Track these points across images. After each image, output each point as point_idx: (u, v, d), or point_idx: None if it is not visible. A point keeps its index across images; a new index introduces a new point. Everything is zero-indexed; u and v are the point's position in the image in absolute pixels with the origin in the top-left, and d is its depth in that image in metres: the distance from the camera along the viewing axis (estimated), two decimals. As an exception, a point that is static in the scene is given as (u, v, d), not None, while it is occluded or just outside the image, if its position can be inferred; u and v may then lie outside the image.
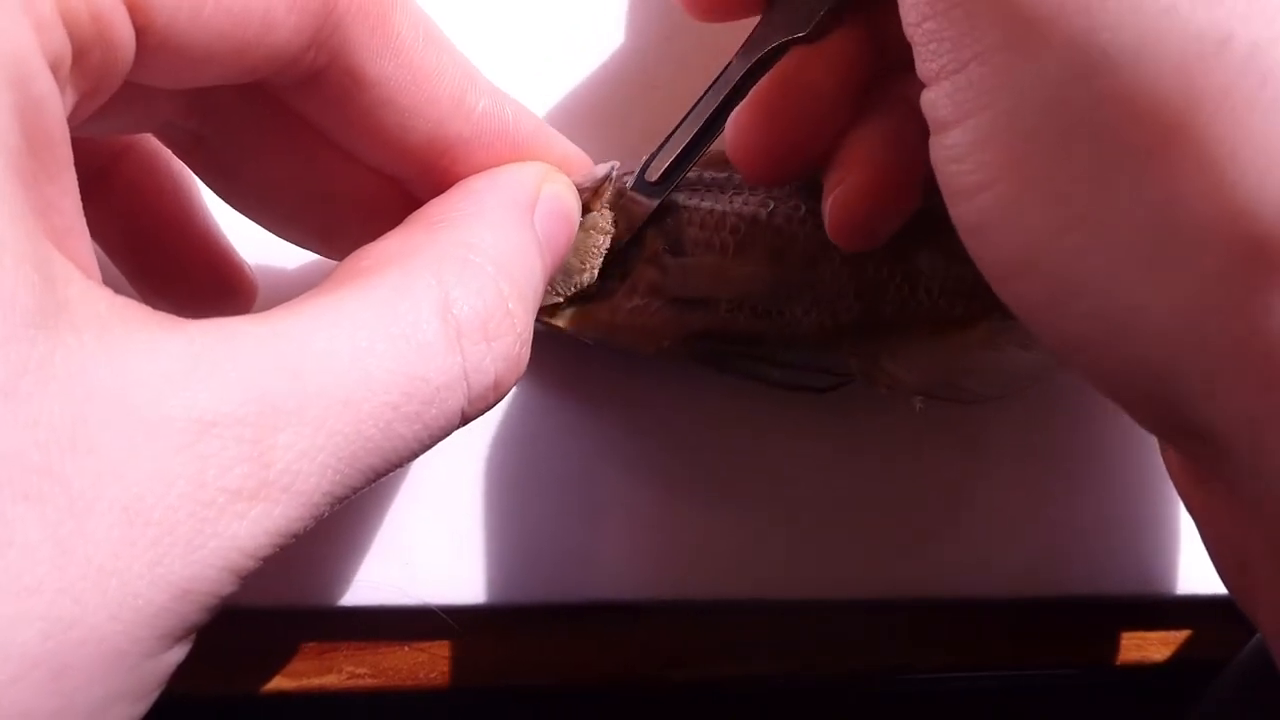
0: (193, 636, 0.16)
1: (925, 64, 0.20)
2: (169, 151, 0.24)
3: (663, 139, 0.26)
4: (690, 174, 0.28)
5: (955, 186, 0.20)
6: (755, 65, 0.25)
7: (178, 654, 0.16)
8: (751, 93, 0.25)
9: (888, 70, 0.25)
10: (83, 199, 0.24)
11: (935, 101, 0.20)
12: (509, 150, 0.23)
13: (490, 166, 0.23)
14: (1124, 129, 0.17)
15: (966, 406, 0.30)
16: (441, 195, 0.22)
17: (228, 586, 0.16)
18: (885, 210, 0.25)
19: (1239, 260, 0.17)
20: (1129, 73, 0.17)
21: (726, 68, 0.25)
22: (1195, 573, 0.32)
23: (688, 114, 0.26)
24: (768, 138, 0.25)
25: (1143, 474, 0.32)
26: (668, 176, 0.26)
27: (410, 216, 0.21)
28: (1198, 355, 0.18)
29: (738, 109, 0.25)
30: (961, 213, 0.20)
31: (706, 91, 0.25)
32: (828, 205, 0.25)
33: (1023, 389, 0.28)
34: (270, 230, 0.24)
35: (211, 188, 0.24)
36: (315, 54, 0.20)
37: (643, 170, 0.26)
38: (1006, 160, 0.19)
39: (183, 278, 0.26)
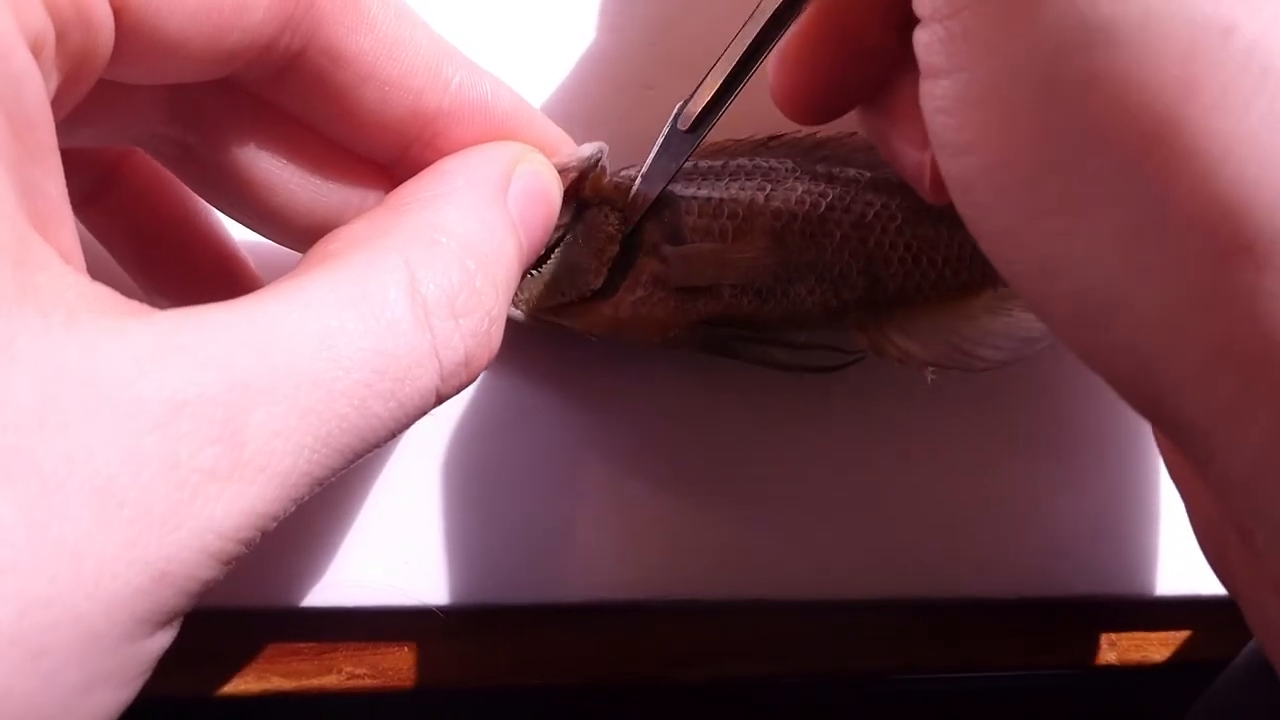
0: (176, 624, 0.16)
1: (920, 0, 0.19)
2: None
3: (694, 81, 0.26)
4: (685, 164, 0.28)
5: (942, 140, 0.19)
6: (786, 4, 0.24)
7: (161, 640, 0.16)
8: (792, 30, 0.24)
9: None
10: (88, 205, 0.24)
11: (928, 44, 0.19)
12: (488, 126, 0.23)
13: (470, 144, 0.23)
14: (1116, 112, 0.16)
15: (970, 404, 0.30)
16: (413, 178, 0.22)
17: (207, 570, 0.16)
18: None
19: (1226, 258, 0.16)
20: (1128, 53, 0.16)
21: (756, 9, 0.24)
22: (1195, 573, 0.32)
23: (718, 60, 0.25)
24: (811, 75, 0.24)
25: (1144, 475, 0.32)
26: (701, 122, 0.26)
27: (383, 200, 0.21)
28: (1180, 348, 0.17)
29: (779, 47, 0.25)
30: (949, 167, 0.20)
31: (736, 35, 0.25)
32: (928, 158, 0.23)
33: (1030, 352, 0.28)
34: (268, 235, 0.25)
35: (206, 198, 0.25)
36: (290, 37, 0.20)
37: (675, 118, 0.26)
38: (993, 125, 0.18)
39: (188, 276, 0.26)
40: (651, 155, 0.26)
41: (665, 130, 0.26)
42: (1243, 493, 0.18)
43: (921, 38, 0.19)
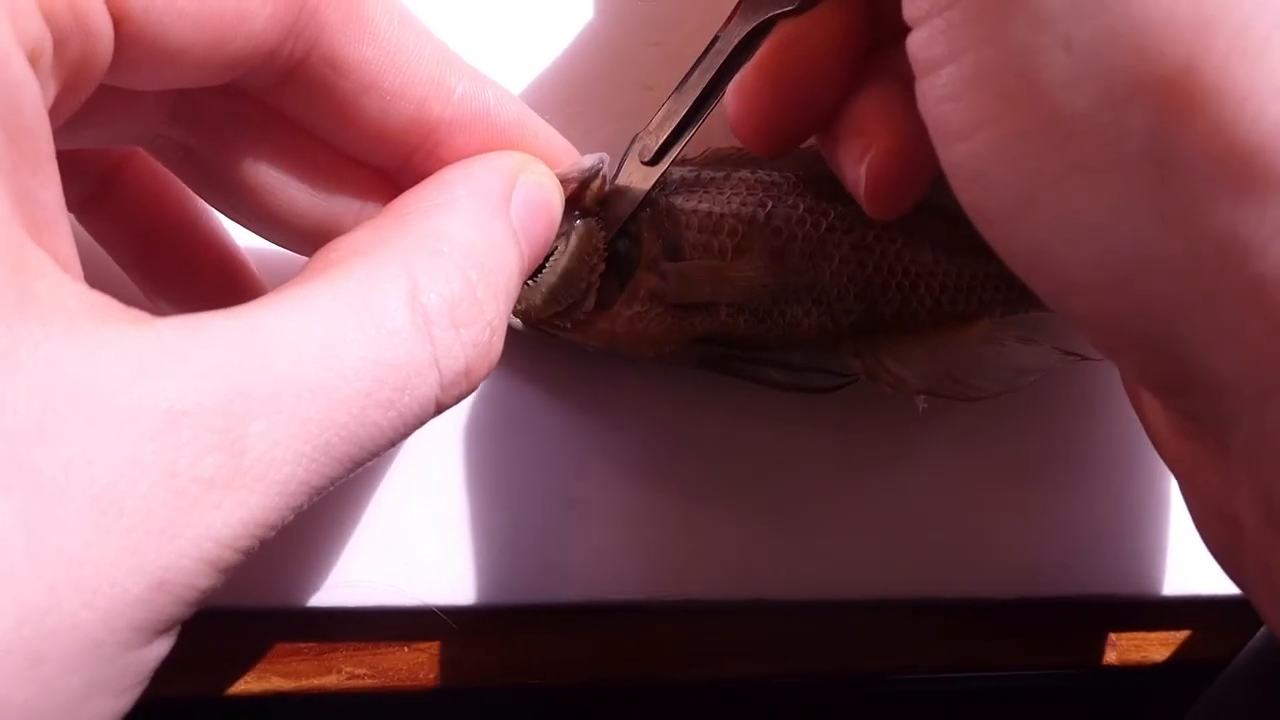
0: (174, 632, 0.16)
1: (913, 4, 0.19)
2: (168, 157, 0.24)
3: (649, 118, 0.26)
4: (688, 173, 0.28)
5: (948, 127, 0.19)
6: (746, 39, 0.24)
7: (159, 649, 0.16)
8: (750, 62, 0.25)
9: (888, 39, 0.25)
10: (89, 208, 0.24)
11: (928, 39, 0.19)
12: (491, 135, 0.23)
13: (473, 152, 0.23)
14: (1135, 64, 0.17)
15: (970, 404, 0.30)
16: (415, 186, 0.22)
17: (205, 578, 0.16)
18: (918, 172, 0.25)
19: (1252, 200, 0.16)
20: (1140, 3, 0.16)
21: (713, 42, 0.25)
22: (1195, 573, 0.32)
23: (674, 90, 0.26)
24: (769, 105, 0.25)
25: (1143, 475, 0.32)
26: (661, 154, 0.26)
27: (385, 208, 0.21)
28: (1207, 300, 0.17)
29: (737, 78, 0.25)
30: (955, 154, 0.20)
31: (694, 68, 0.25)
32: (862, 171, 0.25)
33: (1024, 384, 0.28)
34: (268, 238, 0.25)
35: (206, 199, 0.25)
36: (293, 45, 0.20)
37: (629, 150, 0.26)
38: (1009, 96, 0.18)
39: (190, 280, 0.26)
40: (612, 183, 0.26)
41: (622, 160, 0.26)
42: (1271, 454, 0.18)
43: (918, 37, 0.19)
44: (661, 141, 0.26)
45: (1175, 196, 0.17)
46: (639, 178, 0.26)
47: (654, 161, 0.26)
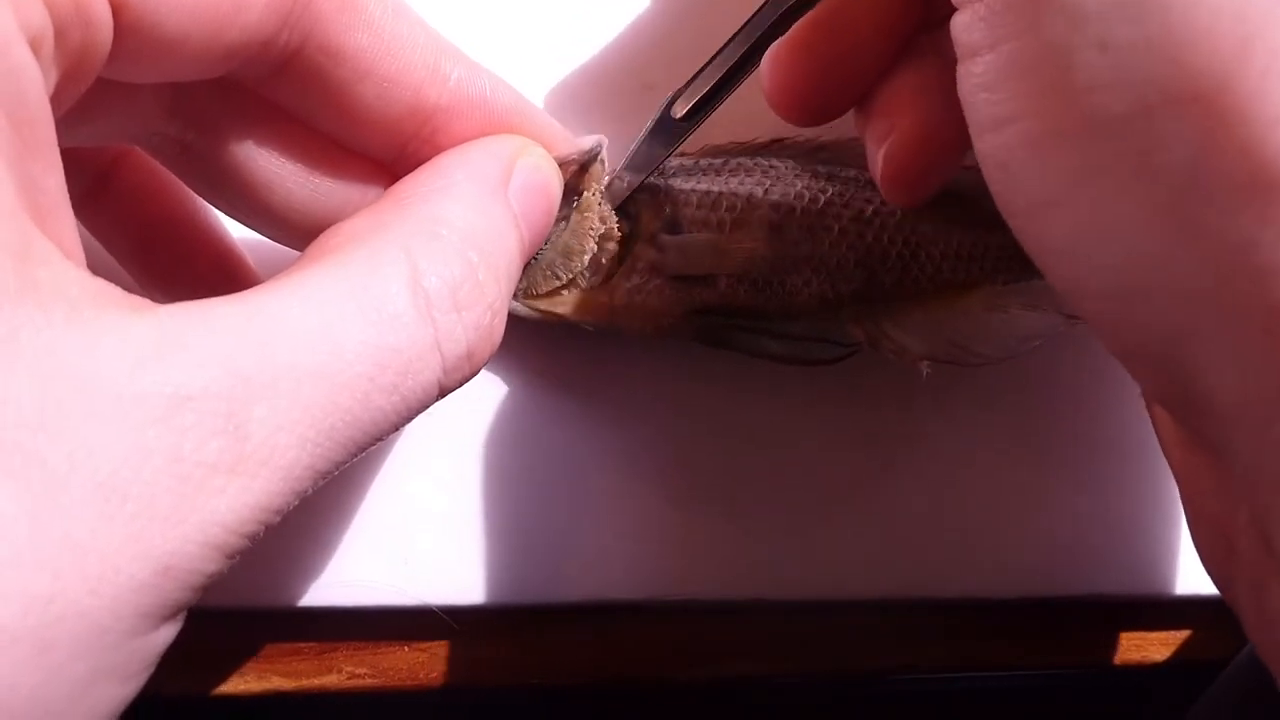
0: (180, 618, 0.16)
1: None
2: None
3: (691, 74, 0.26)
4: (686, 161, 0.28)
5: (983, 116, 0.19)
6: (790, 9, 0.24)
7: (165, 635, 0.16)
8: (790, 31, 0.25)
9: (934, 23, 0.25)
10: (87, 204, 0.24)
11: (969, 24, 0.19)
12: (487, 121, 0.23)
13: (470, 138, 0.23)
14: (1170, 75, 0.17)
15: (970, 406, 0.30)
16: (413, 172, 0.22)
17: (211, 563, 0.16)
18: (939, 161, 0.24)
19: (1277, 227, 0.16)
20: (1181, 14, 0.16)
21: (760, 9, 0.25)
22: (1196, 573, 0.32)
23: (718, 52, 0.25)
24: (806, 77, 0.24)
25: (1144, 474, 0.32)
26: (694, 113, 0.26)
27: (384, 194, 0.21)
28: (1219, 321, 0.17)
29: (775, 46, 0.25)
30: (987, 144, 0.20)
31: (738, 31, 0.25)
32: (879, 157, 0.24)
33: (1027, 350, 0.28)
34: (265, 233, 0.25)
35: (204, 196, 0.25)
36: (289, 34, 0.20)
37: (669, 105, 0.26)
38: (1042, 92, 0.18)
39: (187, 274, 0.26)
40: (639, 139, 0.27)
41: (656, 115, 0.26)
42: (1269, 481, 0.18)
43: (961, 20, 0.19)
44: (693, 104, 0.26)
45: (1198, 212, 0.17)
46: (668, 134, 0.26)
47: (687, 119, 0.26)
